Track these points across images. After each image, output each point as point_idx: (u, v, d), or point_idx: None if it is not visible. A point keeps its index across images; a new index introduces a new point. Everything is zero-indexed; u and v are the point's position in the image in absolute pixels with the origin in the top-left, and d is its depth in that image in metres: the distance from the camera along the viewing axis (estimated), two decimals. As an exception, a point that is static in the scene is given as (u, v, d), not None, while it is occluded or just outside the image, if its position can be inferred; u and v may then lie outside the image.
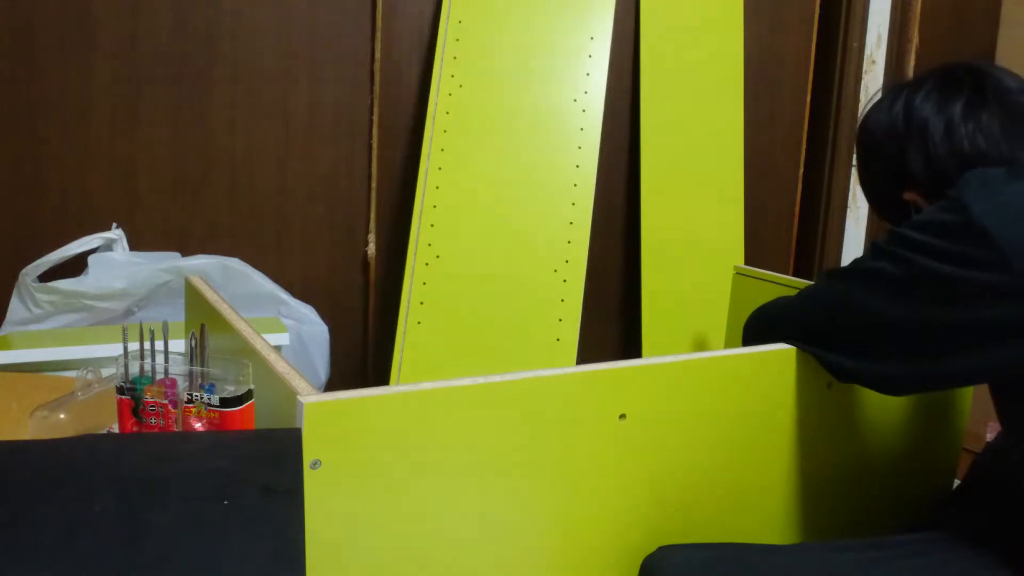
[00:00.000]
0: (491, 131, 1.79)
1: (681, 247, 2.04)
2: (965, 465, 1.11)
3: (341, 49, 1.81)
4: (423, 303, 1.71)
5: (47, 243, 1.58)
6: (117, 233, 1.63)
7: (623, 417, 0.79)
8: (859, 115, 1.00)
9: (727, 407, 0.86)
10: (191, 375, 0.78)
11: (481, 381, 0.71)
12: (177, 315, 1.61)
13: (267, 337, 0.89)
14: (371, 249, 1.88)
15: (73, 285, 1.53)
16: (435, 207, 1.75)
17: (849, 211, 2.30)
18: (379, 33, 1.81)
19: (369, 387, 0.67)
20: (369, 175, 1.87)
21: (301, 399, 0.63)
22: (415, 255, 1.72)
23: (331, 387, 1.82)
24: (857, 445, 1.01)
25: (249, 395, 0.76)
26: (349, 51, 1.81)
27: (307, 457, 0.63)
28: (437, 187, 1.75)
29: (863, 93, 2.26)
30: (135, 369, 0.81)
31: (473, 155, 1.78)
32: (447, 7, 1.83)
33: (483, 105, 1.80)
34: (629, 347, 2.15)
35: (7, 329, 1.55)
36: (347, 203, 1.86)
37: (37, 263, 1.53)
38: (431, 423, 0.69)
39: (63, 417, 0.94)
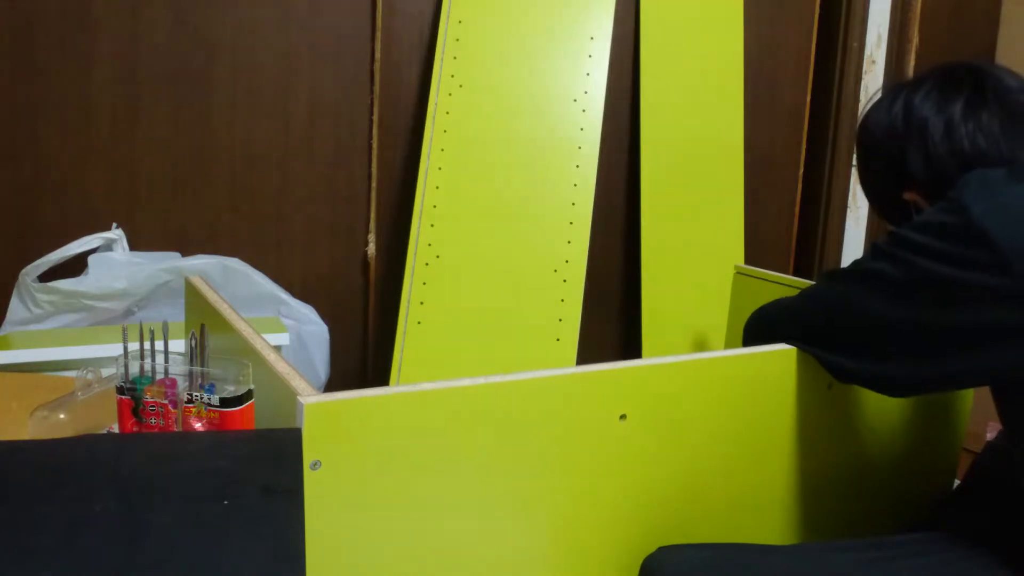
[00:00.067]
0: (491, 131, 1.79)
1: (681, 247, 2.04)
2: (965, 465, 1.11)
3: (341, 49, 1.81)
4: (423, 303, 1.71)
5: (47, 243, 1.58)
6: (117, 233, 1.63)
7: (623, 417, 0.79)
8: (859, 115, 1.00)
9: (727, 407, 0.86)
10: (191, 375, 0.78)
11: (481, 381, 0.71)
12: (177, 315, 1.61)
13: (267, 337, 0.89)
14: (371, 249, 1.88)
15: (73, 285, 1.53)
16: (435, 207, 1.75)
17: (849, 211, 2.30)
18: (379, 33, 1.81)
19: (369, 387, 0.67)
20: (369, 175, 1.87)
21: (301, 399, 0.63)
22: (415, 255, 1.72)
23: (331, 387, 1.82)
24: (857, 445, 1.01)
25: (249, 395, 0.76)
26: (349, 51, 1.81)
27: (307, 458, 0.63)
28: (437, 187, 1.75)
29: (863, 93, 2.26)
30: (135, 369, 0.81)
31: (473, 155, 1.78)
32: (447, 7, 1.83)
33: (483, 105, 1.80)
34: (629, 347, 2.15)
35: (7, 329, 1.55)
36: (347, 203, 1.86)
37: (37, 263, 1.53)
38: (431, 423, 0.69)
39: (63, 417, 0.94)
